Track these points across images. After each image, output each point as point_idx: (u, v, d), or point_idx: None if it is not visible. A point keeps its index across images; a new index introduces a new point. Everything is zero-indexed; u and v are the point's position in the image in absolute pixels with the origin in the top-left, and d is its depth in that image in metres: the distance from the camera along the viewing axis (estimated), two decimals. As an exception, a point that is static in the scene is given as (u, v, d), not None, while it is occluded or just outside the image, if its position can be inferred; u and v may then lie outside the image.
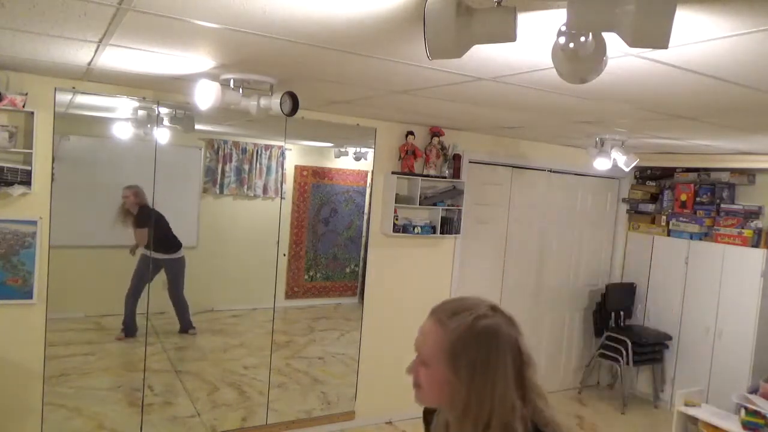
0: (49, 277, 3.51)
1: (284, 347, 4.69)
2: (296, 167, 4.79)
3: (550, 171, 5.55)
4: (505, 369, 1.11)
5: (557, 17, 1.54)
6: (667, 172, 5.72)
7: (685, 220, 5.45)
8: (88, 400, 3.90)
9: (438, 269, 4.96)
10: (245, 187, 4.58)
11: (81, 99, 3.54)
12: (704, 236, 5.32)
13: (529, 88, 2.65)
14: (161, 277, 4.21)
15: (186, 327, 4.46)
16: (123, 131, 3.92)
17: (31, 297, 3.47)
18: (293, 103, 2.89)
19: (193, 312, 4.45)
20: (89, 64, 2.86)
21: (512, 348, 1.13)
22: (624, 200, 6.05)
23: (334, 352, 4.93)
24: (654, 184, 5.86)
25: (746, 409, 3.75)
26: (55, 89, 3.42)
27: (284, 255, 4.70)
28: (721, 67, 2.00)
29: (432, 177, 4.68)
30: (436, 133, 4.66)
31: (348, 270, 5.06)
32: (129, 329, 4.12)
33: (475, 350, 1.11)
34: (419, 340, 1.19)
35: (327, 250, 4.98)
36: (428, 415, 1.29)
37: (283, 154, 4.60)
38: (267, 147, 4.60)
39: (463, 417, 1.13)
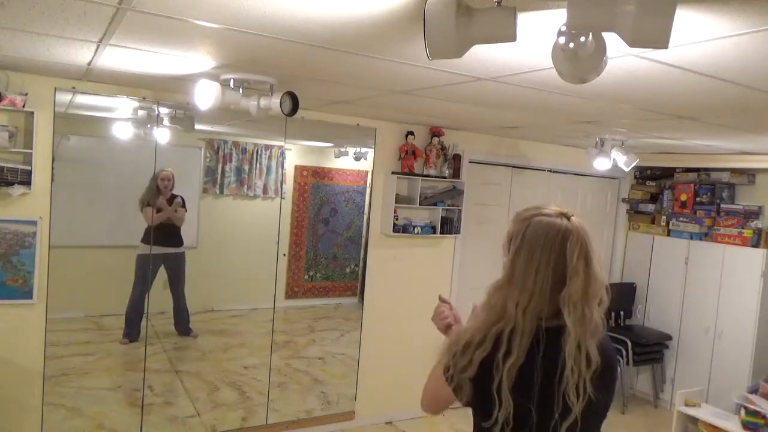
0: (49, 277, 3.51)
1: (284, 347, 4.69)
2: (296, 167, 4.79)
3: (550, 171, 5.55)
4: (543, 264, 1.33)
5: (557, 17, 1.54)
6: (667, 172, 5.72)
7: (685, 220, 5.45)
8: (88, 400, 3.90)
9: (438, 269, 4.96)
10: (245, 187, 4.58)
11: (81, 99, 3.54)
12: (704, 236, 5.32)
13: (529, 88, 2.65)
14: (162, 277, 4.21)
15: (185, 332, 4.46)
16: (123, 131, 3.93)
17: (31, 297, 3.47)
18: (293, 103, 2.89)
19: (193, 312, 4.45)
20: (89, 64, 2.86)
21: (557, 250, 1.33)
22: (624, 200, 6.05)
23: (334, 352, 4.93)
24: (654, 184, 5.85)
25: (746, 409, 3.75)
26: (55, 89, 3.42)
27: (284, 255, 4.71)
28: (721, 67, 2.00)
29: (432, 177, 4.68)
30: (436, 133, 4.66)
31: (348, 270, 5.06)
32: (132, 334, 4.12)
33: (521, 236, 1.37)
34: None
35: (327, 250, 4.98)
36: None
37: (283, 154, 4.60)
38: (267, 147, 4.60)
39: (499, 289, 1.38)
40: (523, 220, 1.42)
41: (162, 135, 3.87)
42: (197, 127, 4.18)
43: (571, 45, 1.43)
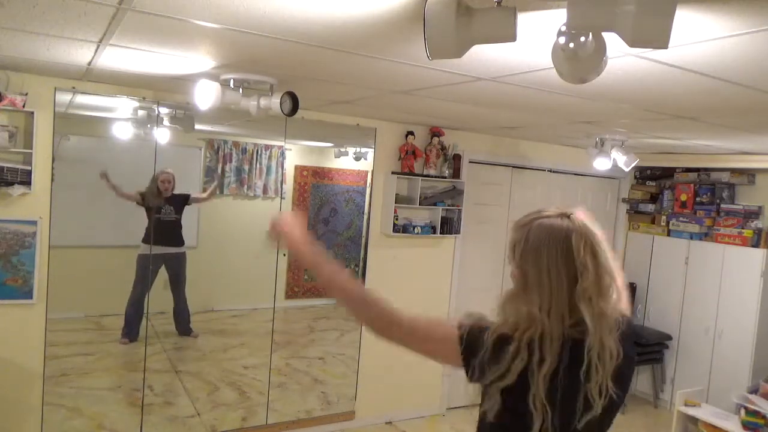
0: (49, 277, 3.51)
1: (284, 347, 4.69)
2: (296, 167, 4.79)
3: (550, 171, 5.55)
4: (553, 264, 1.30)
5: (557, 17, 1.54)
6: (667, 172, 5.72)
7: (685, 220, 5.45)
8: (88, 400, 3.90)
9: (438, 269, 4.96)
10: (245, 187, 4.58)
11: (81, 99, 3.54)
12: (704, 236, 5.32)
13: (529, 88, 2.65)
14: (162, 277, 4.21)
15: (185, 332, 4.46)
16: (123, 131, 3.93)
17: (31, 297, 3.47)
18: (293, 103, 2.89)
19: (193, 312, 4.45)
20: (89, 64, 2.86)
21: (563, 249, 1.31)
22: (624, 200, 6.05)
23: (334, 352, 4.93)
24: (654, 184, 5.85)
25: (746, 409, 3.75)
26: (55, 89, 3.42)
27: (284, 255, 4.70)
28: (721, 67, 2.00)
29: (432, 177, 4.67)
30: (436, 133, 4.66)
31: (348, 270, 5.05)
32: (132, 334, 4.12)
33: (524, 241, 1.36)
34: None
35: (327, 250, 4.97)
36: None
37: (283, 154, 4.60)
38: (267, 147, 4.60)
39: (514, 298, 1.35)
40: (524, 225, 1.40)
41: (162, 135, 3.87)
42: (197, 127, 4.18)
43: (571, 45, 1.43)
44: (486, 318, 1.38)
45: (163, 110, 3.80)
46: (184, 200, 4.28)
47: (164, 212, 4.16)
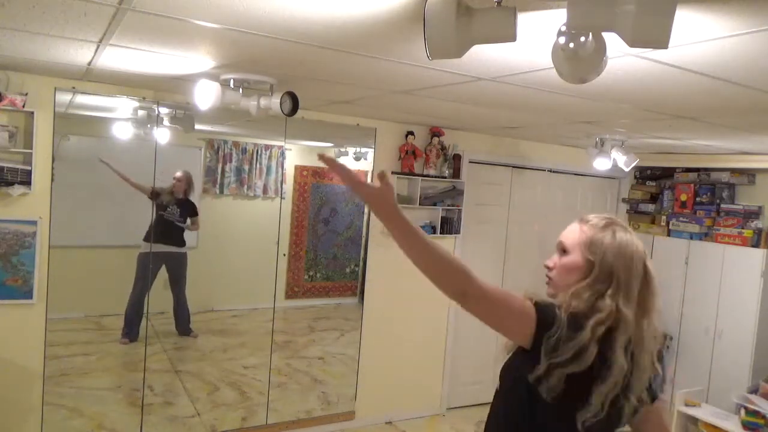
0: (49, 277, 3.51)
1: (284, 347, 4.69)
2: (296, 167, 4.79)
3: (550, 171, 5.55)
4: (638, 274, 1.40)
5: (557, 17, 1.54)
6: (667, 172, 5.72)
7: (685, 220, 5.45)
8: (88, 400, 3.90)
9: (438, 269, 4.95)
10: (245, 187, 4.58)
11: (81, 99, 3.54)
12: (704, 236, 5.32)
13: (529, 88, 2.65)
14: (162, 276, 4.21)
15: (185, 332, 4.46)
16: (123, 131, 3.93)
17: (31, 297, 3.47)
18: (293, 103, 2.89)
19: (193, 312, 4.45)
20: (89, 64, 2.86)
21: (640, 262, 1.41)
22: (624, 200, 6.05)
23: (334, 352, 4.94)
24: (654, 184, 5.85)
25: (746, 409, 3.75)
26: (55, 89, 3.42)
27: (284, 255, 4.71)
28: (721, 67, 2.00)
29: (432, 177, 4.67)
30: (436, 133, 4.66)
31: (348, 270, 5.06)
32: (132, 334, 4.12)
33: (613, 242, 1.42)
34: (564, 236, 1.51)
35: (327, 250, 4.98)
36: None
37: (283, 154, 4.60)
38: (267, 147, 4.60)
39: (591, 286, 1.40)
40: (605, 227, 1.45)
41: (162, 135, 3.87)
42: (197, 127, 4.18)
43: (571, 45, 1.43)
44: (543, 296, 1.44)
45: (163, 110, 3.80)
46: (191, 209, 4.29)
47: (169, 211, 4.17)
